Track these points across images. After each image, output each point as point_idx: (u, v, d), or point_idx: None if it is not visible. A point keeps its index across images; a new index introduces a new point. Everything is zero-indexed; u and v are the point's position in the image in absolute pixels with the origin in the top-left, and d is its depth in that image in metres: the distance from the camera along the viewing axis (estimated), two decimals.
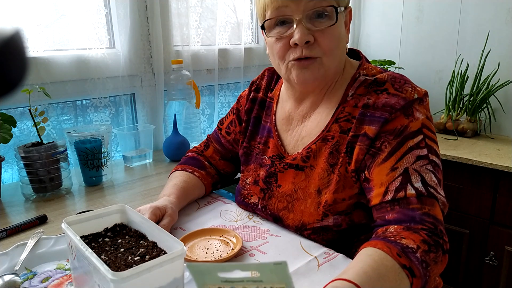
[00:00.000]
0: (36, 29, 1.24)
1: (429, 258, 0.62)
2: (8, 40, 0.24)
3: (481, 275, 1.59)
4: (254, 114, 1.00)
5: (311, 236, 0.82)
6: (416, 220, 0.67)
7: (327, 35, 0.78)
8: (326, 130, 0.83)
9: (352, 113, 0.81)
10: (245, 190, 0.97)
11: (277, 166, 0.90)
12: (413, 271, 0.60)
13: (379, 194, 0.72)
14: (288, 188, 0.87)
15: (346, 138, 0.80)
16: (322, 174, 0.82)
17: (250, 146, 0.99)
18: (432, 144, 0.74)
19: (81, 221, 0.64)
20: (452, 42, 1.95)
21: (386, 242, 0.63)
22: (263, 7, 0.81)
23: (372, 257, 0.61)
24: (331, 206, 0.79)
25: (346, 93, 0.83)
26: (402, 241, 0.63)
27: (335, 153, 0.81)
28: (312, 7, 0.76)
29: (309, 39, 0.77)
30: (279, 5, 0.77)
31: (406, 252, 0.61)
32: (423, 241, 0.63)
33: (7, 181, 1.31)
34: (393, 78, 0.79)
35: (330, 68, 0.82)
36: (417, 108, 0.75)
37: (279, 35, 0.80)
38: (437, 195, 0.70)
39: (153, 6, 1.47)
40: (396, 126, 0.74)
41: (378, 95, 0.78)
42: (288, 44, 0.79)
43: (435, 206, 0.69)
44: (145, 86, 1.57)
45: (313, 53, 0.79)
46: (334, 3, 0.77)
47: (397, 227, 0.67)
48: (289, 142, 0.91)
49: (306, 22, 0.77)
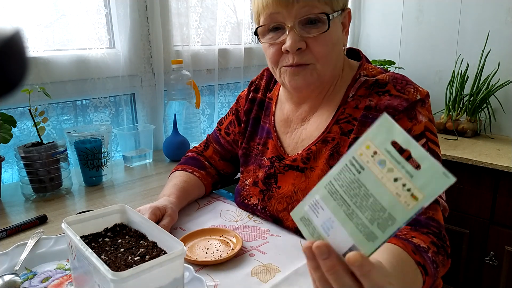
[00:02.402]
0: (36, 29, 1.24)
1: (438, 260, 0.63)
2: (8, 40, 0.24)
3: (481, 275, 1.59)
4: (253, 115, 0.99)
5: None
6: (421, 224, 0.67)
7: (320, 41, 0.77)
8: (327, 131, 0.83)
9: (352, 114, 0.80)
10: (244, 191, 0.96)
11: (276, 167, 0.90)
12: (426, 269, 0.60)
13: None
14: (288, 189, 0.87)
15: (347, 140, 0.80)
16: (322, 176, 0.81)
17: (249, 147, 0.99)
18: (434, 148, 0.74)
19: (81, 221, 0.63)
20: (452, 42, 1.95)
21: (399, 239, 0.63)
22: (257, 13, 0.81)
23: (390, 250, 0.60)
24: None
25: (346, 95, 0.83)
26: (414, 240, 0.63)
27: (335, 154, 0.81)
28: (304, 14, 0.75)
29: (300, 46, 0.77)
30: (272, 11, 0.77)
31: (420, 251, 0.61)
32: (432, 242, 0.64)
33: (7, 181, 1.31)
34: (394, 79, 0.79)
35: (324, 74, 0.81)
36: (420, 111, 0.75)
37: (271, 41, 0.80)
38: (439, 199, 0.70)
39: (153, 6, 1.47)
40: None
41: (380, 97, 0.77)
42: (280, 50, 0.79)
43: (437, 210, 0.70)
44: (145, 86, 1.57)
45: (305, 60, 0.78)
46: (326, 10, 0.76)
47: (404, 227, 0.67)
48: (289, 144, 0.91)
49: (299, 28, 0.76)
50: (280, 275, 0.70)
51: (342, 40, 0.83)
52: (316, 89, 0.84)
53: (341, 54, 0.84)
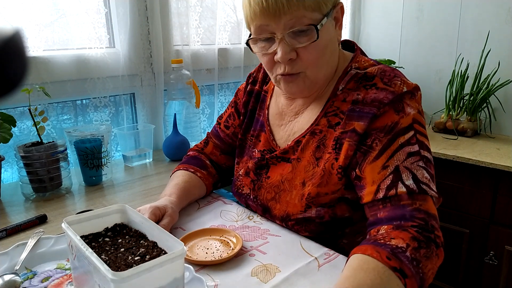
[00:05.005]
0: (36, 29, 1.24)
1: (420, 255, 0.62)
2: (8, 40, 0.24)
3: (481, 275, 1.59)
4: (250, 107, 1.01)
5: (295, 227, 0.83)
6: (406, 218, 0.67)
7: (310, 50, 0.77)
8: (315, 123, 0.84)
9: (340, 107, 0.81)
10: (238, 181, 0.98)
11: (268, 159, 0.91)
12: (404, 272, 0.59)
13: (371, 192, 0.72)
14: (276, 179, 0.89)
15: (333, 133, 0.80)
16: (308, 167, 0.83)
17: (245, 139, 1.00)
18: (423, 139, 0.74)
19: (81, 221, 0.63)
20: (452, 42, 1.95)
21: (376, 246, 0.63)
22: (247, 22, 0.81)
23: (362, 267, 0.60)
24: (314, 198, 0.80)
25: (336, 87, 0.83)
26: (392, 242, 0.63)
27: (321, 147, 0.82)
28: (292, 25, 0.75)
29: (291, 57, 0.77)
30: (261, 23, 0.77)
31: (396, 253, 0.61)
32: (412, 238, 0.63)
33: (7, 180, 1.31)
34: (383, 72, 0.79)
35: (317, 78, 0.82)
36: (408, 103, 0.75)
37: (263, 51, 0.80)
38: (429, 191, 0.70)
39: (153, 6, 1.47)
40: (387, 122, 0.74)
41: (367, 90, 0.77)
42: (273, 59, 0.80)
43: (426, 200, 0.69)
44: (145, 85, 1.56)
45: (295, 69, 0.79)
46: (315, 17, 0.75)
47: (387, 228, 0.67)
48: (281, 136, 0.92)
49: (289, 38, 0.76)
50: (280, 275, 0.70)
51: (336, 36, 0.82)
52: (310, 92, 0.85)
53: (335, 51, 0.84)
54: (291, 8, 0.73)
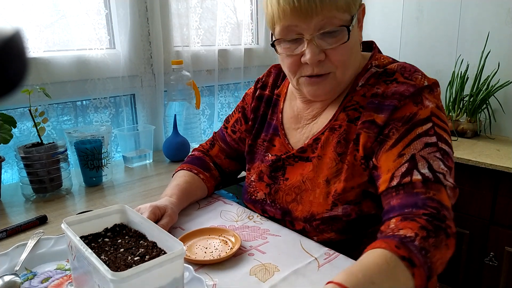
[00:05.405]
0: (36, 30, 1.24)
1: (428, 244, 0.61)
2: (8, 40, 0.24)
3: (481, 276, 1.59)
4: (260, 112, 0.99)
5: (320, 226, 0.81)
6: (418, 205, 0.66)
7: (339, 51, 0.76)
8: (334, 119, 0.83)
9: (360, 102, 0.80)
10: (251, 187, 0.96)
11: (284, 159, 0.90)
12: (412, 261, 0.58)
13: (386, 181, 0.72)
14: (296, 180, 0.87)
15: (355, 128, 0.79)
16: (331, 164, 0.81)
17: (256, 144, 0.98)
18: (441, 133, 0.73)
19: (81, 222, 0.64)
20: (452, 42, 1.95)
21: (384, 238, 0.62)
22: (272, 21, 0.78)
23: (368, 254, 0.60)
24: (340, 195, 0.78)
25: (355, 83, 0.83)
26: (400, 232, 0.62)
27: (342, 142, 0.80)
28: (323, 26, 0.73)
29: (320, 58, 0.75)
30: (289, 24, 0.75)
31: (405, 242, 0.60)
32: (421, 227, 0.62)
33: (7, 181, 1.31)
34: (403, 68, 0.79)
35: (345, 78, 0.81)
36: (427, 97, 0.75)
37: (289, 52, 0.78)
38: (444, 181, 0.68)
39: (153, 7, 1.47)
40: (405, 113, 0.73)
41: (388, 85, 0.77)
42: (299, 61, 0.78)
43: (441, 191, 0.67)
44: (145, 86, 1.57)
45: (325, 70, 0.77)
46: (345, 18, 0.74)
47: (395, 221, 0.66)
48: (298, 139, 0.90)
49: (318, 40, 0.74)
50: (279, 274, 0.70)
51: (359, 37, 0.82)
52: (335, 95, 0.84)
53: (358, 55, 0.83)
54: (324, 9, 0.71)
